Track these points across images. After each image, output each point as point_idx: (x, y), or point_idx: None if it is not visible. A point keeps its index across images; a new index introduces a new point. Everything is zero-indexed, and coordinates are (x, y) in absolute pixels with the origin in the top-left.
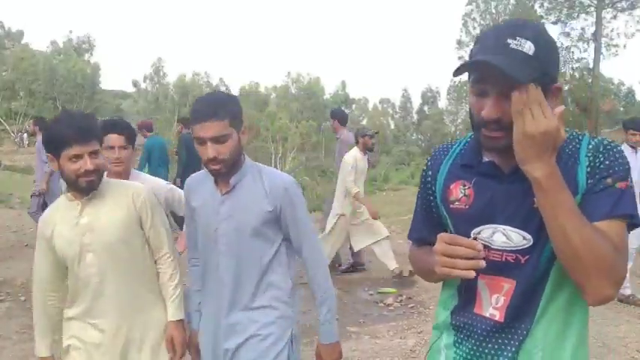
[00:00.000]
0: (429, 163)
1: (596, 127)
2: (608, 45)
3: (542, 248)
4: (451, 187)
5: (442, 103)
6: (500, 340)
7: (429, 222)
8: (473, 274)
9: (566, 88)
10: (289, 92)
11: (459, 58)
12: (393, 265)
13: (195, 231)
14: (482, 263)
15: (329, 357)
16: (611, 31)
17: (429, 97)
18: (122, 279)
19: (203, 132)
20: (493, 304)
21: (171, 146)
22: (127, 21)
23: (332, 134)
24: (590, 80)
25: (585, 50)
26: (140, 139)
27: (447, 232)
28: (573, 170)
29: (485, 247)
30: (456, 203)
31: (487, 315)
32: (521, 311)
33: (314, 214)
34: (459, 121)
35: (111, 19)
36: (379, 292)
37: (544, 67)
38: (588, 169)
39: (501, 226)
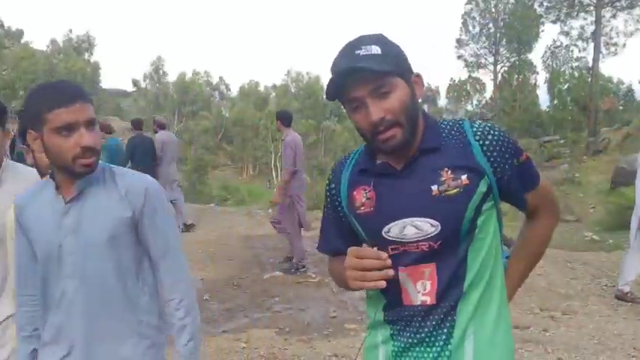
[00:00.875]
0: (331, 177)
1: (596, 125)
2: (608, 44)
3: (455, 232)
4: (354, 194)
5: (442, 101)
6: (434, 323)
7: (339, 233)
8: (383, 284)
9: (565, 87)
10: (289, 91)
11: (459, 57)
12: None
13: (29, 258)
14: (391, 273)
15: None
16: (611, 30)
17: (429, 96)
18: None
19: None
20: (421, 291)
21: None
22: (126, 20)
23: (332, 133)
24: (589, 79)
25: (584, 49)
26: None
27: (359, 239)
28: (469, 152)
29: (399, 242)
30: (362, 208)
31: (418, 303)
32: (450, 290)
33: (313, 213)
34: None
35: (110, 18)
36: None
37: (395, 62)
38: (484, 149)
39: (409, 219)
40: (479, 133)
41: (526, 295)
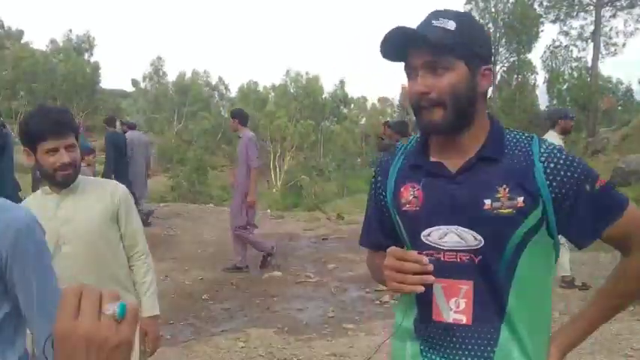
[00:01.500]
0: (378, 169)
1: (595, 125)
2: (607, 44)
3: (498, 252)
4: (402, 189)
5: None
6: (470, 346)
7: (382, 228)
8: (421, 289)
9: (564, 87)
10: (288, 91)
11: None
12: None
13: None
14: (431, 279)
15: None
16: (610, 29)
17: None
18: (96, 273)
19: None
20: (454, 309)
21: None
22: (126, 20)
23: (330, 134)
24: (588, 79)
25: (584, 49)
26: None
27: (400, 236)
28: (531, 173)
29: (436, 249)
30: (407, 205)
31: (450, 321)
32: (488, 311)
33: (312, 214)
34: None
35: (110, 19)
36: (375, 290)
37: (466, 43)
38: (547, 172)
39: (453, 226)
40: (545, 155)
41: None
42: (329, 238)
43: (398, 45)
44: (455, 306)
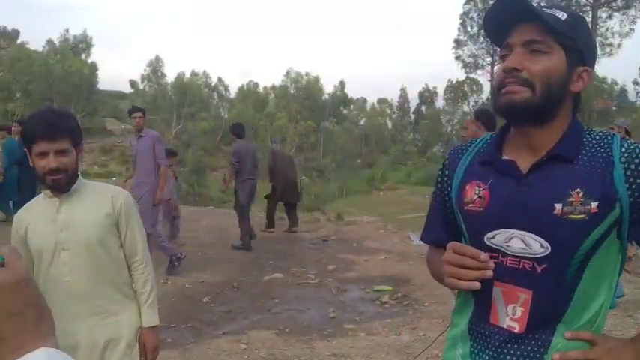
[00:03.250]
0: (447, 163)
1: (589, 125)
2: (603, 44)
3: (565, 261)
4: (466, 187)
5: (439, 103)
6: (519, 352)
7: (444, 224)
8: (477, 285)
9: None
10: (288, 92)
11: (457, 57)
12: None
13: None
14: (489, 273)
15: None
16: (606, 30)
17: (427, 97)
18: (95, 280)
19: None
20: (510, 315)
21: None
22: (124, 21)
23: (330, 135)
24: None
25: None
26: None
27: (461, 235)
28: (609, 174)
29: (500, 252)
30: (470, 205)
31: (504, 326)
32: (543, 323)
33: (314, 214)
34: (456, 120)
35: (108, 19)
36: (375, 290)
37: (574, 36)
38: (627, 174)
39: (518, 231)
40: (626, 155)
41: None
42: (329, 239)
43: (505, 23)
44: (512, 312)
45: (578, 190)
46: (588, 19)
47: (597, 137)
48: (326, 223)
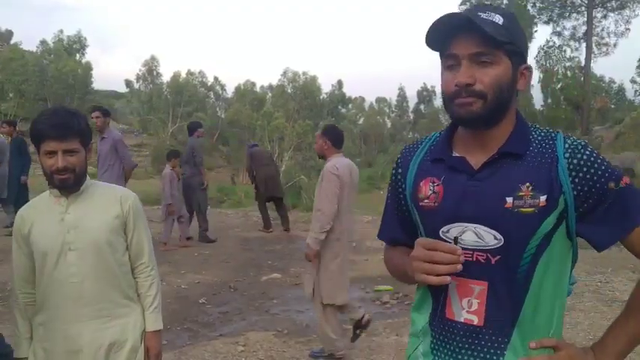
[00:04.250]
0: (399, 161)
1: (588, 124)
2: (599, 44)
3: (518, 252)
4: (421, 184)
5: (438, 101)
6: (479, 347)
7: (400, 222)
8: (449, 279)
9: (558, 86)
10: (285, 92)
11: None
12: None
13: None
14: (459, 267)
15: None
16: (602, 30)
17: (425, 96)
18: (101, 281)
19: None
20: (466, 309)
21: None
22: (119, 20)
23: None
24: (581, 78)
25: (577, 49)
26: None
27: (418, 231)
28: (554, 168)
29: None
30: (425, 201)
31: (461, 320)
32: (501, 314)
33: (308, 215)
34: None
35: (103, 19)
36: (375, 290)
37: (513, 38)
38: (570, 167)
39: (472, 224)
40: (570, 150)
41: None
42: None
43: (446, 32)
44: (467, 305)
45: (527, 184)
46: (584, 19)
47: (542, 133)
48: None
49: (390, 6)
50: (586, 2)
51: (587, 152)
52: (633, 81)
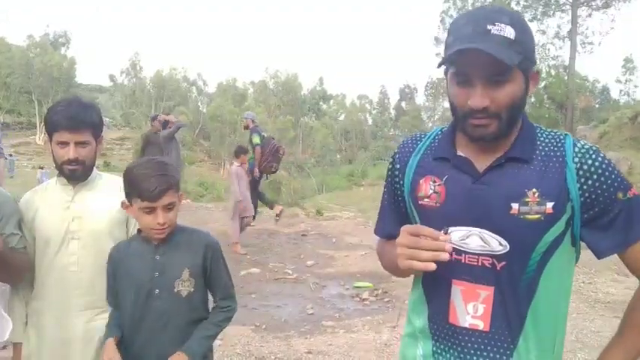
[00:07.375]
0: (397, 156)
1: (572, 123)
2: (584, 43)
3: (523, 260)
4: (420, 182)
5: (419, 99)
6: (485, 353)
7: (396, 218)
8: (433, 266)
9: (542, 85)
10: (267, 87)
11: (437, 54)
12: None
13: None
14: (444, 256)
15: None
16: (586, 29)
17: (407, 94)
18: (100, 273)
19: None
20: (472, 314)
21: None
22: (104, 15)
23: (310, 129)
24: (565, 77)
25: (561, 48)
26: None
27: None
28: (562, 174)
29: (458, 250)
30: (426, 200)
31: (466, 326)
32: (508, 319)
33: (291, 209)
34: (437, 117)
35: (88, 13)
36: (355, 287)
37: (525, 51)
38: (579, 174)
39: (476, 229)
40: (579, 155)
41: None
42: (308, 234)
43: (460, 54)
44: (473, 310)
45: (534, 190)
46: (568, 18)
47: (550, 136)
48: (305, 218)
49: (371, 4)
50: (570, 1)
51: (599, 159)
52: (619, 81)
